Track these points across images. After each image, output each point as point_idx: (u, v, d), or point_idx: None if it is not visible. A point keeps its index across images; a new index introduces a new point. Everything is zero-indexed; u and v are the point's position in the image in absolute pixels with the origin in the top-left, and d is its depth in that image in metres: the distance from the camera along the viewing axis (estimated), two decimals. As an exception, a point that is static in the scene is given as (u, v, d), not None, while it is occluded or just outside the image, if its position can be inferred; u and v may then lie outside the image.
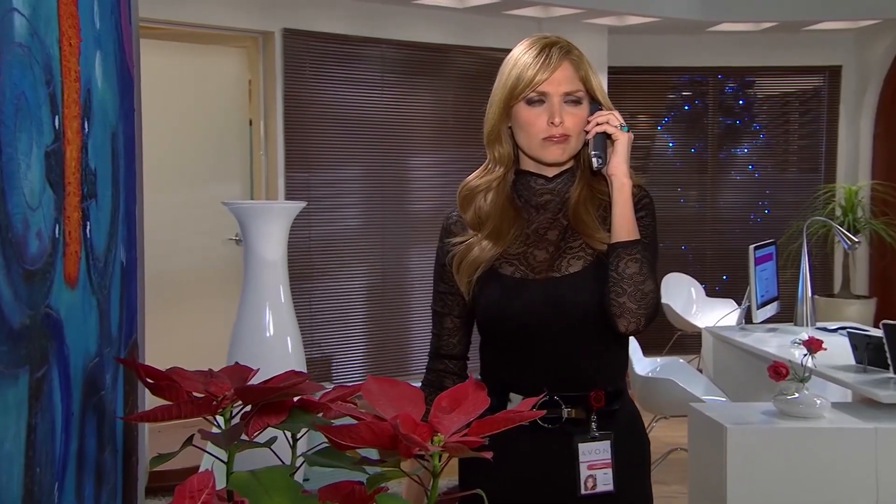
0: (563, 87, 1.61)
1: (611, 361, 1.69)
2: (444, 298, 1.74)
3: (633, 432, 1.73)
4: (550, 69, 1.60)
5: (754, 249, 4.07)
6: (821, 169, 7.31)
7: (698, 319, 6.08)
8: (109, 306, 1.20)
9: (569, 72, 1.62)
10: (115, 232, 1.26)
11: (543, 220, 1.69)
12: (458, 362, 1.76)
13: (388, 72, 5.96)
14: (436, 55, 6.14)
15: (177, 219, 5.35)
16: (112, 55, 1.25)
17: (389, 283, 6.02)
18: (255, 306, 2.19)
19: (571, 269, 1.64)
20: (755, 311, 4.06)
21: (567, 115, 1.62)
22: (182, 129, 5.46)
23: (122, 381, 1.32)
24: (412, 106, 6.07)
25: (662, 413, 4.37)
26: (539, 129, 1.62)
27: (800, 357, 2.91)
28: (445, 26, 6.14)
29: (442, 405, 0.95)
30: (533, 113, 1.62)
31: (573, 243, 1.66)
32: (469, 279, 1.68)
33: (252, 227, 2.01)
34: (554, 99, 1.61)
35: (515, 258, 1.67)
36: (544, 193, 1.70)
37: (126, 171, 1.40)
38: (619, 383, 1.71)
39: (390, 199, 6.01)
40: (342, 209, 5.84)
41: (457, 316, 1.74)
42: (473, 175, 1.73)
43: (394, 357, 6.01)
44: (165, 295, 5.17)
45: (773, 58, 7.17)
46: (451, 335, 1.75)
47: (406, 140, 6.04)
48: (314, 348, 5.71)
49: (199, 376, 1.02)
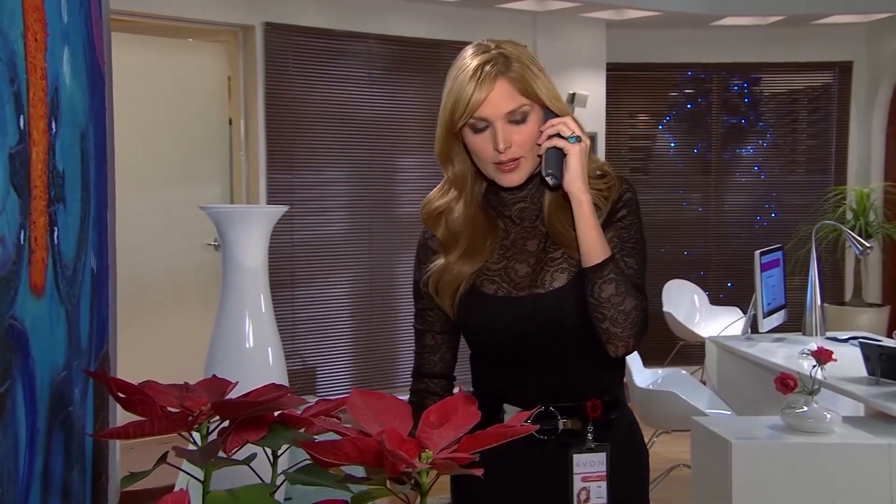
0: (502, 108, 1.56)
1: (606, 370, 1.69)
2: (424, 315, 1.75)
3: (630, 443, 1.73)
4: (485, 90, 1.55)
5: (760, 255, 4.08)
6: (830, 170, 7.34)
7: (701, 329, 6.10)
8: (78, 316, 1.20)
9: (506, 89, 1.56)
10: (85, 238, 1.26)
11: (521, 231, 1.68)
12: (440, 381, 1.76)
13: (376, 68, 5.97)
14: (425, 50, 6.14)
15: (151, 223, 5.34)
16: (81, 51, 1.25)
17: (377, 290, 6.02)
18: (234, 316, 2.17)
19: (556, 284, 1.63)
20: (761, 320, 4.07)
21: (514, 136, 1.57)
22: (157, 128, 5.45)
23: (91, 396, 1.32)
24: (400, 104, 6.07)
25: (664, 427, 4.38)
26: (488, 155, 1.59)
27: (809, 368, 2.92)
28: (435, 20, 6.15)
29: (430, 420, 0.95)
30: (479, 140, 1.59)
31: (555, 254, 1.65)
32: (451, 301, 1.68)
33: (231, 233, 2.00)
34: (497, 124, 1.56)
35: (496, 274, 1.67)
36: (517, 202, 1.68)
37: (97, 174, 1.40)
38: (615, 392, 1.72)
39: (378, 202, 6.01)
40: (327, 213, 5.84)
41: (438, 332, 1.74)
42: (433, 193, 1.72)
43: (381, 369, 6.01)
44: (139, 304, 5.16)
45: (781, 53, 7.20)
46: (433, 353, 1.75)
47: (394, 140, 6.04)
48: (297, 360, 5.70)
49: (173, 390, 1.02)
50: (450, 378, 1.78)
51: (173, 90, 5.54)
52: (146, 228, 5.27)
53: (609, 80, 6.79)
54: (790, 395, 2.87)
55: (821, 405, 2.90)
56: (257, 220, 1.75)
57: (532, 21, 6.43)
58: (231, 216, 1.76)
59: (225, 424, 1.00)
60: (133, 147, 5.08)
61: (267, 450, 1.03)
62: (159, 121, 5.46)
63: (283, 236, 5.49)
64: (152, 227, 5.35)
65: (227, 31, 5.63)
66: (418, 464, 0.87)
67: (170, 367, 4.96)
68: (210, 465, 0.95)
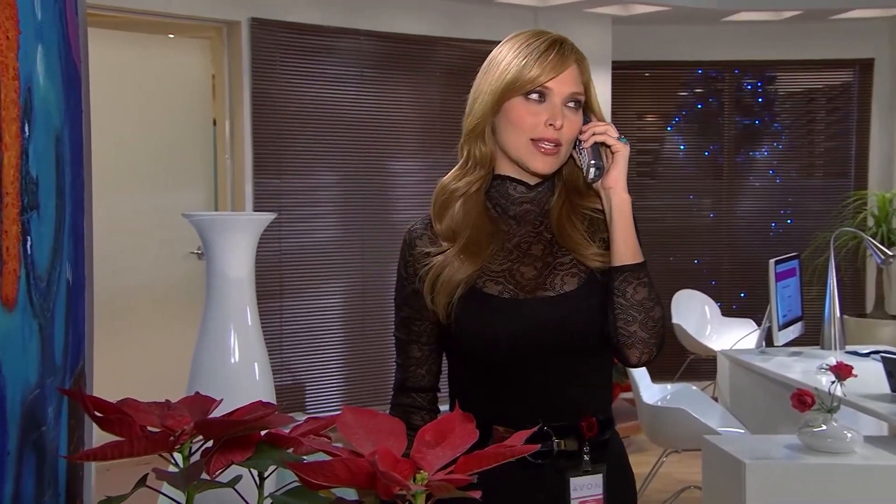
0: (568, 88, 1.63)
1: (602, 387, 1.72)
2: (410, 324, 1.74)
3: (622, 466, 1.76)
4: (560, 66, 1.62)
5: (775, 264, 4.09)
6: (850, 174, 7.35)
7: (713, 342, 6.10)
8: (53, 331, 1.19)
9: (575, 73, 1.64)
10: (60, 247, 1.26)
11: (525, 234, 1.70)
12: (427, 395, 1.76)
13: (368, 66, 5.98)
14: (420, 48, 6.16)
15: (131, 231, 5.34)
16: (56, 49, 1.25)
17: (370, 301, 6.01)
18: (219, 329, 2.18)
19: (567, 288, 1.65)
20: (776, 333, 4.07)
21: (566, 120, 1.63)
22: (137, 130, 5.45)
23: (66, 415, 1.31)
24: (394, 104, 6.08)
25: (673, 447, 4.38)
26: (531, 127, 1.62)
27: (827, 384, 2.92)
28: (431, 16, 6.16)
29: (426, 439, 0.95)
30: (530, 110, 1.62)
31: (563, 259, 1.68)
32: (448, 300, 1.66)
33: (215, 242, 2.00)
34: (556, 99, 1.62)
35: (500, 276, 1.67)
36: (524, 202, 1.70)
37: (73, 179, 1.40)
38: (608, 410, 1.74)
39: (371, 207, 6.01)
40: (317, 219, 5.84)
41: (425, 343, 1.74)
42: (450, 176, 1.73)
43: (374, 385, 6.00)
44: (117, 317, 5.15)
45: (797, 50, 7.22)
46: (419, 365, 1.74)
47: (388, 142, 6.05)
48: (285, 375, 5.70)
49: (154, 408, 1.02)
50: (436, 391, 1.78)
51: (154, 90, 5.54)
52: (125, 236, 5.27)
53: (615, 80, 6.80)
54: (808, 412, 2.87)
55: (840, 424, 2.90)
56: (243, 228, 1.76)
57: (533, 17, 6.44)
58: (215, 224, 1.76)
59: (208, 445, 1.00)
60: (111, 151, 5.08)
61: (253, 471, 1.03)
62: (139, 122, 5.46)
63: (270, 244, 5.49)
64: (132, 235, 5.35)
65: (210, 26, 5.64)
66: (413, 486, 0.87)
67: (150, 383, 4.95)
68: (192, 488, 0.94)
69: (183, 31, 5.76)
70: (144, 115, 5.49)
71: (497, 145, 1.68)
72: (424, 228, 1.73)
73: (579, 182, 1.70)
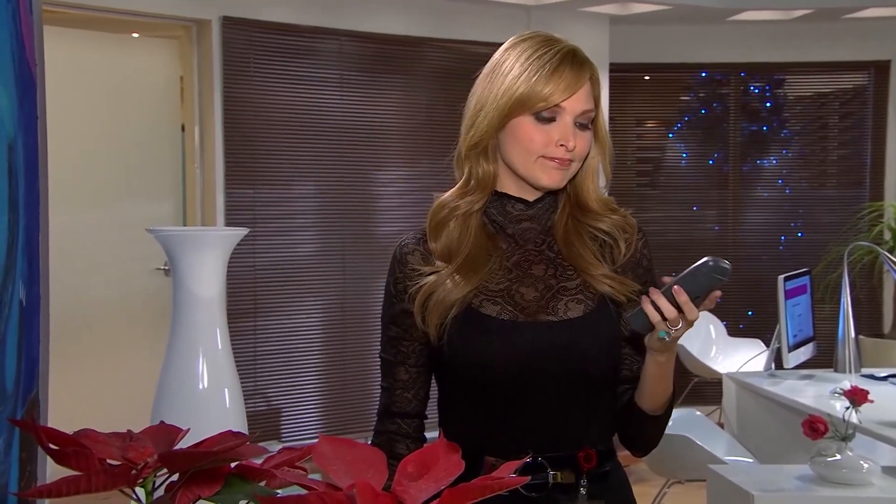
0: (581, 106, 1.64)
1: (604, 416, 1.72)
2: (397, 344, 1.74)
3: (624, 499, 1.76)
4: (575, 85, 1.62)
5: (785, 280, 4.10)
6: (865, 183, 7.38)
7: (718, 364, 6.10)
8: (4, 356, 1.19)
9: (588, 88, 1.65)
10: (13, 265, 1.25)
11: (526, 253, 1.71)
12: (413, 421, 1.76)
13: (349, 69, 5.98)
14: (405, 49, 6.17)
15: (92, 246, 5.32)
16: (8, 51, 1.25)
17: (351, 322, 6.01)
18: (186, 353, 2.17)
19: (571, 314, 1.66)
20: (786, 355, 4.08)
21: (578, 139, 1.64)
22: (98, 137, 5.44)
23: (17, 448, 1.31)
24: (377, 110, 6.09)
25: (676, 477, 4.37)
26: (541, 146, 1.63)
27: (841, 410, 2.92)
28: (416, 15, 6.18)
29: (408, 471, 0.95)
30: (540, 129, 1.63)
31: (568, 283, 1.69)
32: (441, 320, 1.67)
33: (183, 259, 1.99)
34: (567, 118, 1.63)
35: (498, 296, 1.68)
36: (523, 220, 1.71)
37: (27, 191, 1.40)
38: (609, 441, 1.75)
39: (352, 221, 6.01)
40: (294, 233, 5.83)
41: (412, 365, 1.74)
42: (450, 194, 1.73)
43: (355, 412, 5.98)
44: (77, 339, 5.13)
45: (808, 51, 7.25)
46: (406, 389, 1.74)
47: (371, 150, 6.05)
48: (259, 401, 5.68)
49: (115, 440, 1.01)
50: (423, 418, 1.78)
51: (117, 93, 5.53)
52: (86, 252, 5.25)
53: (613, 83, 6.82)
54: (820, 440, 2.87)
55: (856, 453, 2.91)
56: (213, 244, 1.75)
57: (526, 16, 6.47)
58: (183, 240, 1.75)
59: (174, 478, 0.99)
60: (70, 160, 5.07)
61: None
62: (101, 129, 5.45)
63: (243, 260, 5.48)
64: (93, 251, 5.33)
65: (178, 25, 5.64)
66: (394, 523, 0.87)
67: (111, 412, 4.93)
68: (155, 525, 0.94)
69: (148, 29, 5.76)
70: (106, 120, 5.48)
71: (500, 161, 1.69)
72: (417, 243, 1.73)
73: (585, 196, 1.71)
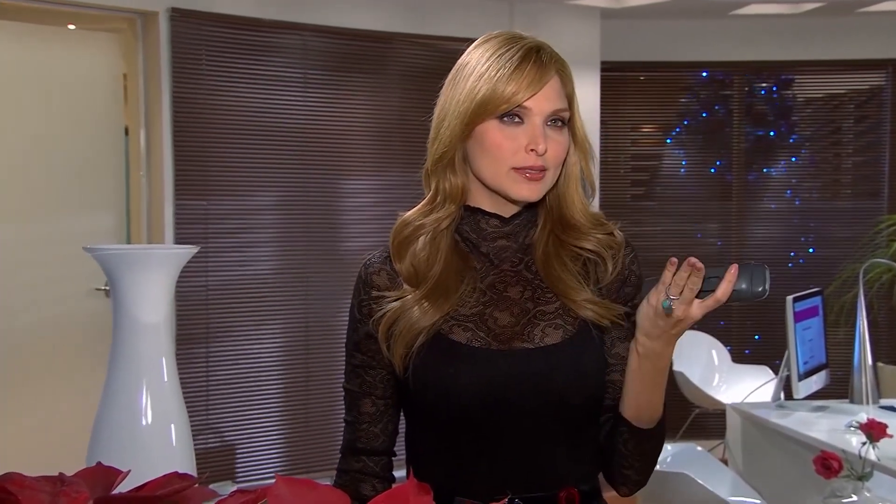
0: (550, 105, 1.63)
1: (588, 452, 1.73)
2: (363, 373, 1.74)
3: None
4: (539, 81, 1.62)
5: (794, 301, 4.12)
6: (883, 194, 7.43)
7: (722, 393, 6.13)
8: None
9: (557, 86, 1.65)
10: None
11: (501, 273, 1.71)
12: (380, 459, 1.76)
13: (313, 67, 5.99)
14: (375, 46, 6.18)
15: (23, 264, 5.28)
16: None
17: (314, 349, 5.99)
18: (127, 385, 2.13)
19: (548, 341, 1.67)
20: (797, 384, 4.10)
21: (550, 142, 1.63)
22: (29, 142, 5.41)
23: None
24: (344, 112, 6.09)
25: (678, 521, 4.38)
26: (510, 153, 1.63)
27: (857, 446, 2.94)
28: (387, 9, 6.20)
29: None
30: (507, 134, 1.63)
31: (546, 307, 1.69)
32: (407, 350, 1.67)
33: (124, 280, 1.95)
34: (535, 119, 1.62)
35: (470, 321, 1.68)
36: (498, 238, 1.72)
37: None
38: (593, 480, 1.75)
39: (316, 235, 6.01)
40: (251, 249, 5.82)
41: (379, 397, 1.74)
42: (414, 212, 1.73)
43: (317, 449, 5.97)
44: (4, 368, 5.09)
45: (819, 49, 7.30)
46: (373, 423, 1.75)
47: (337, 157, 6.06)
48: (210, 437, 5.66)
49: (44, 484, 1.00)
50: (391, 455, 1.78)
51: (50, 93, 5.50)
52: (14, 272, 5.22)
53: (604, 84, 6.86)
54: (834, 479, 2.88)
55: (874, 493, 2.92)
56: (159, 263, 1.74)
57: (509, 10, 6.50)
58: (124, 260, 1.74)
59: (111, 527, 0.98)
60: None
61: (166, 559, 1.02)
62: (32, 133, 5.42)
63: (194, 279, 5.46)
64: (23, 270, 5.29)
65: (121, 17, 5.63)
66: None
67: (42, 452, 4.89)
68: (91, 580, 0.93)
69: (86, 21, 5.73)
70: (39, 123, 5.45)
71: (470, 174, 1.69)
72: (383, 263, 1.74)
73: (567, 211, 1.71)
